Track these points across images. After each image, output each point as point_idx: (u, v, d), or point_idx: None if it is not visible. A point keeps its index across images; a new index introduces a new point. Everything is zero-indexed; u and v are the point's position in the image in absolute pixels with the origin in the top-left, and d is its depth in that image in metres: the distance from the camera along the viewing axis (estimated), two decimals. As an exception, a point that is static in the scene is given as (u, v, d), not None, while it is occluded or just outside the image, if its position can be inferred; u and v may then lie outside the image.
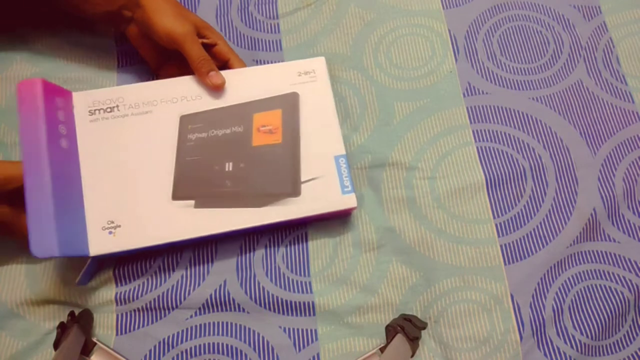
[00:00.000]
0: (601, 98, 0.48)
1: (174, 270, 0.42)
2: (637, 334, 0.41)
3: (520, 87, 0.48)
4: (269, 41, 0.50)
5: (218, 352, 0.40)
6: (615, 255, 0.43)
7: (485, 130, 0.47)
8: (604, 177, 0.45)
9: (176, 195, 0.39)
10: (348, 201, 0.40)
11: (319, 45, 0.49)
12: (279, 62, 0.49)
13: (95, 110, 0.40)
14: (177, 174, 0.39)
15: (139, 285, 0.42)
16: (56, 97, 0.38)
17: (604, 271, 0.43)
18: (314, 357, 0.40)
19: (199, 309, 0.41)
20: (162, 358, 0.40)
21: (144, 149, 0.40)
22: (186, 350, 0.40)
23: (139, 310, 0.41)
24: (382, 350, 0.39)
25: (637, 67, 0.49)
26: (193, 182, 0.39)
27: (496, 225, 0.44)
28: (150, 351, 0.40)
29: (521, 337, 0.40)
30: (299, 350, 0.41)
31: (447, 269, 0.42)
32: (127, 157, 0.39)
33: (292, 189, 0.40)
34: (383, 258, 0.43)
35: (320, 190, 0.40)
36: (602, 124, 0.47)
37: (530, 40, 0.50)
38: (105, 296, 0.41)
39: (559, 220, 0.44)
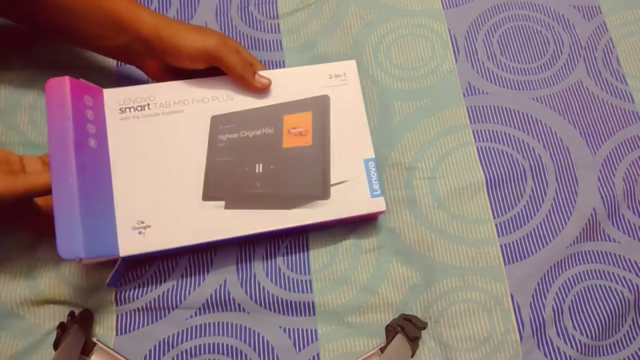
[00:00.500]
0: (601, 98, 0.48)
1: (173, 270, 0.42)
2: (637, 334, 0.41)
3: (520, 87, 0.48)
4: (269, 41, 0.50)
5: (218, 352, 0.40)
6: (615, 255, 0.43)
7: (485, 130, 0.47)
8: (604, 177, 0.45)
9: (207, 196, 0.39)
10: (377, 205, 0.40)
11: (320, 45, 0.49)
12: (280, 62, 0.49)
13: (125, 108, 0.39)
14: (207, 175, 0.39)
15: (139, 285, 0.42)
16: (85, 95, 0.38)
17: (604, 271, 0.43)
18: (314, 357, 0.40)
19: (199, 309, 0.41)
20: (162, 358, 0.40)
21: (174, 149, 0.39)
22: (186, 350, 0.40)
23: (139, 310, 0.41)
24: (382, 350, 0.39)
25: (637, 67, 0.49)
26: (223, 183, 0.39)
27: (496, 225, 0.44)
28: (150, 351, 0.40)
29: (521, 337, 0.40)
30: (299, 350, 0.41)
31: (447, 269, 0.42)
32: (157, 157, 0.39)
33: (322, 191, 0.40)
34: (383, 258, 0.43)
35: (350, 194, 0.40)
36: (602, 124, 0.47)
37: (530, 40, 0.50)
38: (105, 296, 0.41)
39: (559, 220, 0.44)
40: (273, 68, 0.49)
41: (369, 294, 0.42)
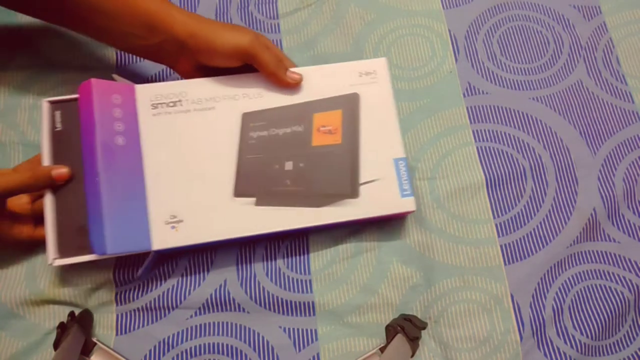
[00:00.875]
0: (601, 98, 0.48)
1: (173, 270, 0.42)
2: (637, 334, 0.41)
3: (520, 87, 0.48)
4: (269, 41, 0.50)
5: (218, 352, 0.40)
6: (615, 255, 0.43)
7: (485, 130, 0.47)
8: (604, 177, 0.45)
9: (237, 192, 0.39)
10: (407, 204, 0.40)
11: (320, 45, 0.49)
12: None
13: (158, 104, 0.40)
14: (238, 171, 0.39)
15: (139, 285, 0.42)
16: (113, 94, 0.38)
17: (604, 271, 0.43)
18: (314, 357, 0.40)
19: (199, 308, 0.41)
20: (162, 358, 0.40)
21: (206, 145, 0.40)
22: (186, 350, 0.40)
23: (139, 310, 0.41)
24: (382, 350, 0.39)
25: (637, 67, 0.49)
26: (254, 180, 0.39)
27: (496, 225, 0.44)
28: (150, 351, 0.40)
29: (521, 337, 0.40)
30: (299, 350, 0.41)
31: (447, 269, 0.42)
32: (189, 153, 0.39)
33: (351, 190, 0.39)
34: (383, 258, 0.43)
35: (379, 193, 0.40)
36: (602, 124, 0.47)
37: (530, 40, 0.50)
38: (105, 296, 0.41)
39: (559, 220, 0.44)
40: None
41: (369, 294, 0.42)
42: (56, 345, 0.37)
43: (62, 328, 0.38)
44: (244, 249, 0.43)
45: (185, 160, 0.39)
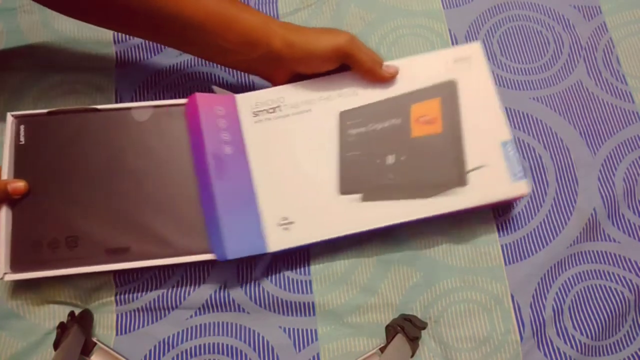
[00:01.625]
0: (601, 98, 0.48)
1: (174, 271, 0.42)
2: (637, 334, 0.41)
3: (520, 87, 0.48)
4: (269, 41, 0.50)
5: (218, 352, 0.40)
6: (615, 255, 0.43)
7: (485, 130, 0.47)
8: (604, 177, 0.45)
9: (344, 190, 0.39)
10: (519, 188, 0.39)
11: (319, 45, 0.49)
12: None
13: (258, 111, 0.41)
14: (342, 169, 0.40)
15: (139, 285, 0.42)
16: (215, 106, 0.39)
17: (604, 271, 0.43)
18: (314, 357, 0.40)
19: (199, 309, 0.41)
20: (162, 358, 0.40)
21: (307, 147, 0.40)
22: (186, 350, 0.40)
23: (139, 310, 0.41)
24: (382, 350, 0.39)
25: (637, 67, 0.49)
26: (358, 177, 0.40)
27: (497, 225, 0.44)
28: (150, 351, 0.40)
29: (521, 337, 0.40)
30: (299, 350, 0.41)
31: (447, 269, 0.42)
32: (292, 155, 0.40)
33: (458, 178, 0.39)
34: (383, 257, 0.43)
35: (488, 179, 0.39)
36: (602, 124, 0.47)
37: (530, 40, 0.50)
38: (105, 296, 0.41)
39: (559, 220, 0.44)
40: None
41: (369, 294, 0.42)
42: (56, 345, 0.37)
43: (62, 328, 0.38)
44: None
45: (290, 163, 0.40)
